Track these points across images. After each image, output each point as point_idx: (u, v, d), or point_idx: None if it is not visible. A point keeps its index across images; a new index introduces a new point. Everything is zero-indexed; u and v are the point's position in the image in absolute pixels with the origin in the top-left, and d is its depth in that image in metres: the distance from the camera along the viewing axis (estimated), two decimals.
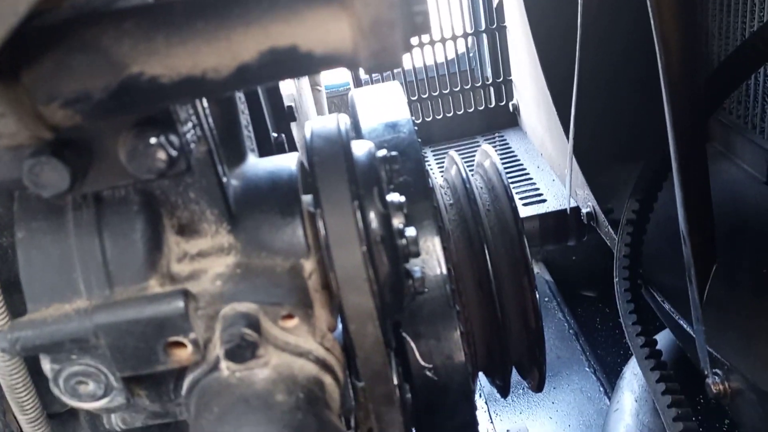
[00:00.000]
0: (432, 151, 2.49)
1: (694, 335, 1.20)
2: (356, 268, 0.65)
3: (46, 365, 0.64)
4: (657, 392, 1.33)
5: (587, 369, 2.25)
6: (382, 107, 1.10)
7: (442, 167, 2.37)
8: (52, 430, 0.87)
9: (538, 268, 2.51)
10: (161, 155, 0.52)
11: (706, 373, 1.16)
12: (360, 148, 0.74)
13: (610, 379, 2.19)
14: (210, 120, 0.66)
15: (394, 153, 0.75)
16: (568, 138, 1.70)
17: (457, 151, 2.55)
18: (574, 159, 1.71)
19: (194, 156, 0.61)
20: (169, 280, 0.65)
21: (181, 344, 0.63)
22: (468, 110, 2.51)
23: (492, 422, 1.50)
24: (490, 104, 2.51)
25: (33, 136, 0.46)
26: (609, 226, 1.63)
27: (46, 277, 0.63)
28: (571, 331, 2.37)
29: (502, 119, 2.55)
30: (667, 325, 1.49)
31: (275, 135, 0.99)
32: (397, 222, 0.71)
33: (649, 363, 1.34)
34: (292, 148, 1.05)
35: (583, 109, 1.61)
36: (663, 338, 1.54)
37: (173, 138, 0.54)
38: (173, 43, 0.45)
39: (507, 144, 2.43)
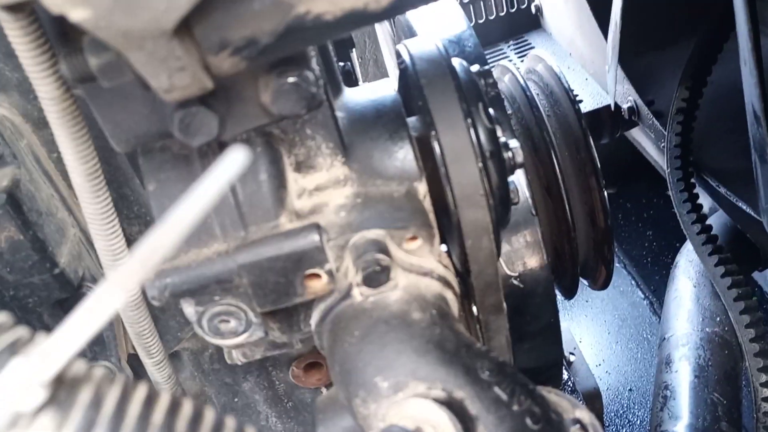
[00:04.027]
0: None
1: (758, 217, 1.21)
2: (474, 185, 0.67)
3: (190, 308, 0.67)
4: (716, 276, 1.37)
5: (617, 264, 2.28)
6: (439, 22, 1.09)
7: None
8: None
9: None
10: (305, 93, 0.53)
11: None
12: (457, 66, 0.74)
13: (639, 271, 2.23)
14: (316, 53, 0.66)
15: (487, 67, 0.76)
16: (603, 32, 1.66)
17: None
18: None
19: None
20: (295, 216, 0.67)
21: (316, 275, 0.66)
22: (489, 17, 2.45)
23: None
24: (511, 8, 2.45)
25: (201, 87, 0.47)
26: (654, 119, 1.63)
27: None
28: None
29: (524, 23, 2.49)
30: (723, 208, 1.51)
31: (341, 64, 0.99)
32: (500, 135, 0.72)
33: (707, 248, 1.37)
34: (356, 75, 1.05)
35: None
36: (715, 222, 1.56)
37: (309, 74, 0.54)
38: None
39: (533, 48, 2.39)
